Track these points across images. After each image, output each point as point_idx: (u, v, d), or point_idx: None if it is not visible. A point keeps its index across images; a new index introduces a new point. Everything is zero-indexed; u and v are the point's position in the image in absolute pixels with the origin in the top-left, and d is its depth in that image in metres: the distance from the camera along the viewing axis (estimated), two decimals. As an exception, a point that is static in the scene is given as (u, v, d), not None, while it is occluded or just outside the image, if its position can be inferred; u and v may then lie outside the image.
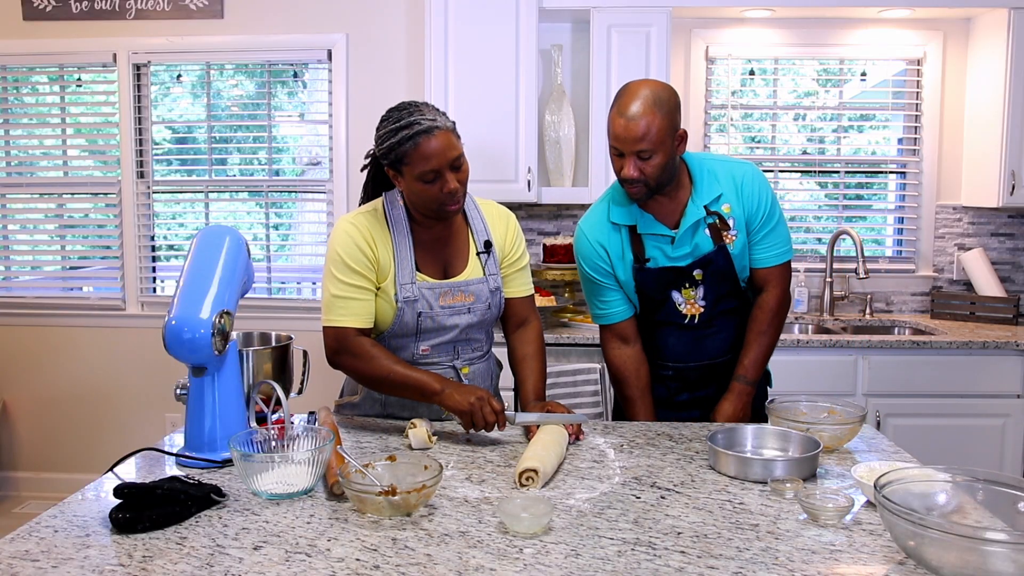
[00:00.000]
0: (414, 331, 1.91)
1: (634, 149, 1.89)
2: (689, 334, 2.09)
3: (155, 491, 1.38)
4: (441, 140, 1.77)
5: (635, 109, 1.88)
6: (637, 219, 2.04)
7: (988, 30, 3.58)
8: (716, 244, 2.02)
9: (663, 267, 2.03)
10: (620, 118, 1.89)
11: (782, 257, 2.09)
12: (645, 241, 2.04)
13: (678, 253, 2.02)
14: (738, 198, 2.03)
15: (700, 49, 3.78)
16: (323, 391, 3.49)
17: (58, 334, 4.01)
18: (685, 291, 2.05)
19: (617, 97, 1.93)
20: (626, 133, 1.88)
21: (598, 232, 2.08)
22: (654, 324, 2.12)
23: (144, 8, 3.82)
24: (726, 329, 2.11)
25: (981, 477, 1.34)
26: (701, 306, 2.06)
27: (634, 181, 1.92)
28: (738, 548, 1.30)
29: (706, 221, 2.02)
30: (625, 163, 1.92)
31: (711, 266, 2.02)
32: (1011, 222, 3.81)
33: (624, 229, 2.05)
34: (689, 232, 2.02)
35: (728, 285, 2.06)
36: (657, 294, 2.05)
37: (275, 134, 3.98)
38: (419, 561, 1.24)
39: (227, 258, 1.74)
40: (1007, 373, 3.20)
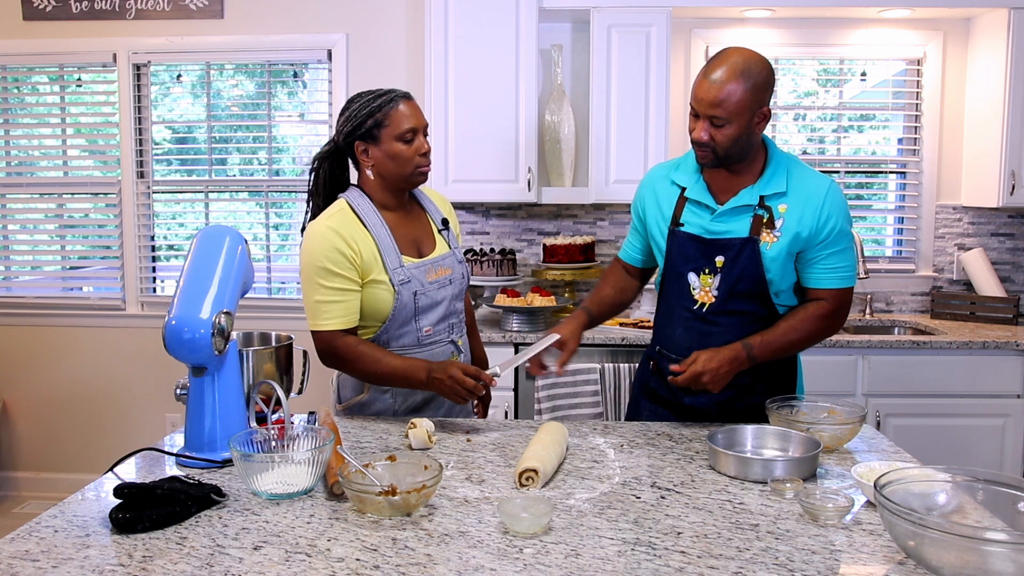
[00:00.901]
0: (413, 312, 1.99)
1: (709, 113, 1.86)
2: (696, 325, 2.02)
3: (155, 491, 1.38)
4: (415, 105, 1.99)
5: (720, 73, 1.84)
6: (692, 184, 2.01)
7: (988, 30, 3.58)
8: (750, 235, 1.94)
9: (691, 235, 1.99)
10: (704, 79, 1.86)
11: (843, 282, 1.97)
12: (687, 207, 2.01)
13: (712, 227, 1.97)
14: (804, 208, 1.92)
15: (700, 49, 3.78)
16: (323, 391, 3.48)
17: (58, 334, 4.01)
18: (703, 276, 2.00)
19: (711, 58, 1.90)
20: (705, 95, 1.85)
21: (657, 180, 2.11)
22: (668, 307, 2.09)
23: (144, 8, 3.82)
24: (736, 331, 1.97)
25: (981, 477, 1.34)
26: (714, 295, 1.99)
27: (703, 144, 1.90)
28: (738, 548, 1.30)
29: (754, 209, 1.95)
30: (698, 125, 1.89)
31: (734, 254, 1.95)
32: (1011, 222, 3.81)
33: (677, 189, 2.04)
34: (732, 212, 1.96)
35: (747, 283, 1.95)
36: (678, 266, 2.02)
37: (275, 134, 3.98)
38: (419, 561, 1.24)
39: (227, 258, 1.74)
40: (1007, 373, 3.20)
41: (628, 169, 3.46)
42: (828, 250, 1.94)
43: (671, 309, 2.07)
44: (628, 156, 3.46)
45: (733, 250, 1.95)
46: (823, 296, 1.97)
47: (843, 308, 2.00)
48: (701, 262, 1.99)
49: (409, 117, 1.94)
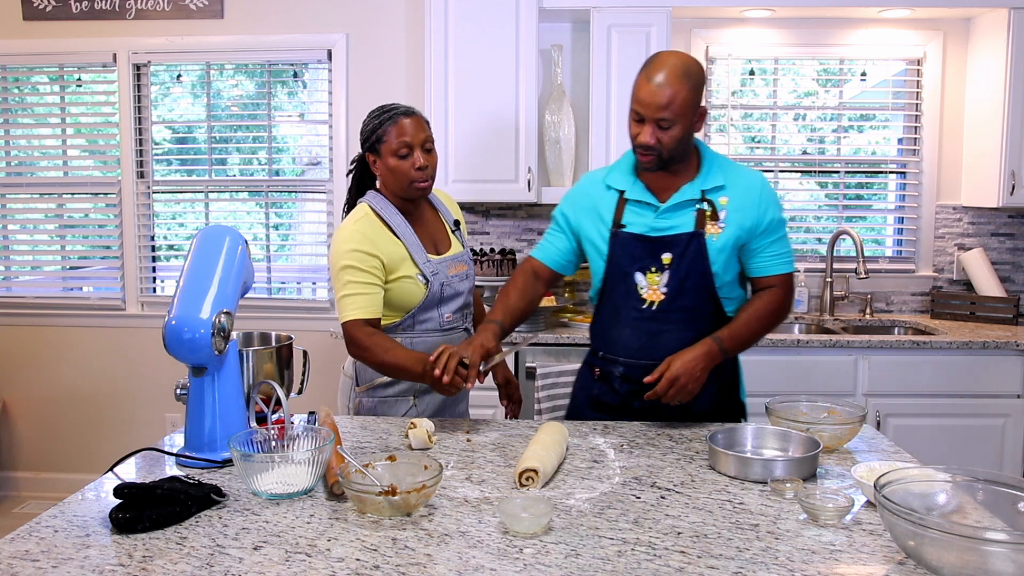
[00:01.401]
0: (438, 300, 2.13)
1: (656, 116, 1.88)
2: (645, 325, 2.01)
3: (155, 491, 1.38)
4: (415, 122, 2.07)
5: (663, 76, 1.87)
6: (629, 186, 2.03)
7: (988, 30, 3.58)
8: (696, 229, 1.98)
9: (636, 235, 2.00)
10: (648, 83, 1.88)
11: (788, 267, 2.05)
12: (628, 208, 2.02)
13: (657, 225, 1.99)
14: (745, 200, 1.99)
15: (700, 49, 3.78)
16: (323, 391, 3.49)
17: (58, 334, 4.01)
18: (650, 275, 2.00)
19: (646, 64, 1.92)
20: (651, 99, 1.87)
21: (590, 188, 2.11)
22: (613, 310, 2.06)
23: (144, 8, 3.82)
24: (685, 329, 2.00)
25: (981, 477, 1.34)
26: (663, 293, 1.99)
27: (649, 149, 1.92)
28: (738, 548, 1.30)
29: (696, 204, 1.99)
30: (644, 129, 1.91)
31: (681, 250, 1.97)
32: (1011, 222, 3.81)
33: (615, 193, 2.05)
34: (676, 208, 1.99)
35: (696, 278, 1.98)
36: (623, 267, 2.01)
37: (275, 134, 3.98)
38: (419, 561, 1.24)
39: (227, 258, 1.74)
40: (1007, 373, 3.20)
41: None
42: (770, 238, 2.02)
43: (617, 312, 2.06)
44: (628, 156, 3.46)
45: (680, 245, 1.98)
46: (773, 283, 2.04)
47: (791, 292, 2.08)
48: (647, 260, 2.00)
49: (404, 134, 2.04)
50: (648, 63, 1.92)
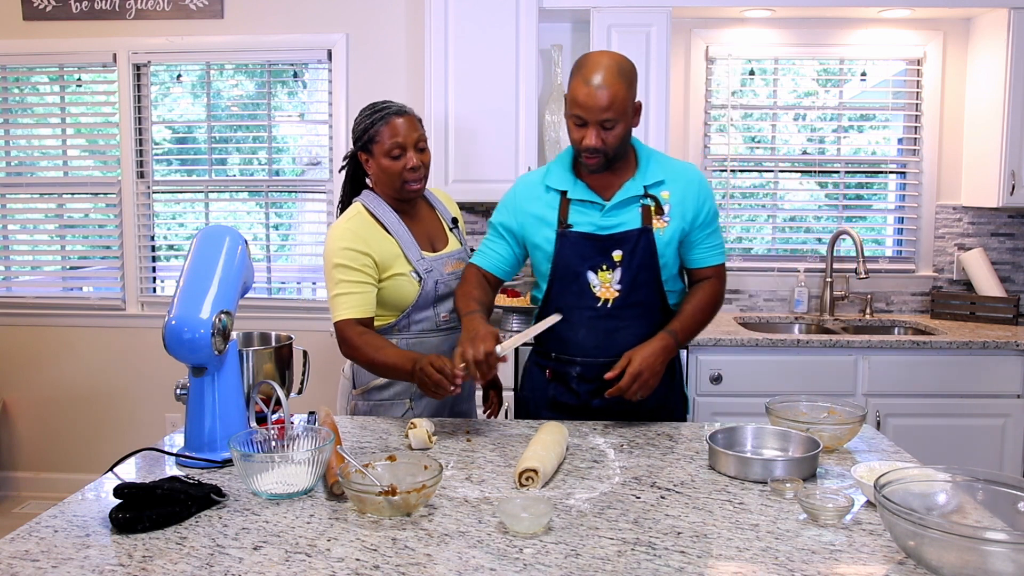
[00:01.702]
0: (433, 299, 2.11)
1: (600, 118, 1.88)
2: (601, 324, 2.02)
3: (155, 491, 1.38)
4: (407, 121, 2.06)
5: (601, 78, 1.87)
6: (570, 185, 2.02)
7: (988, 30, 3.58)
8: (644, 225, 1.99)
9: (584, 234, 1.99)
10: (585, 86, 1.87)
11: (722, 257, 2.11)
12: (572, 208, 2.01)
13: (604, 223, 1.99)
14: (685, 193, 2.02)
15: (700, 49, 3.78)
16: (323, 391, 3.49)
17: (58, 334, 4.01)
18: (601, 273, 2.00)
19: (579, 66, 1.91)
20: (592, 101, 1.87)
21: (529, 191, 2.07)
22: (565, 311, 2.04)
23: (144, 8, 3.82)
24: (639, 324, 2.03)
25: (981, 477, 1.34)
26: (616, 290, 2.00)
27: (596, 151, 1.92)
28: (738, 548, 1.30)
29: (641, 200, 2.00)
30: (587, 133, 1.90)
31: (632, 246, 1.98)
32: (1011, 222, 3.81)
33: (556, 194, 2.03)
34: (621, 205, 2.00)
35: (647, 273, 2.01)
36: (573, 267, 2.00)
37: (275, 134, 3.98)
38: (419, 561, 1.24)
39: (227, 258, 1.74)
40: (1007, 373, 3.20)
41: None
42: (707, 230, 2.06)
43: (569, 312, 2.04)
44: (628, 156, 3.46)
45: (630, 242, 1.99)
46: (710, 274, 2.10)
47: (725, 281, 2.15)
48: (598, 259, 2.00)
49: (396, 134, 2.03)
50: (581, 66, 1.91)
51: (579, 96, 1.88)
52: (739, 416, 3.04)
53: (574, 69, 1.92)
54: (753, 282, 3.86)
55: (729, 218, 3.93)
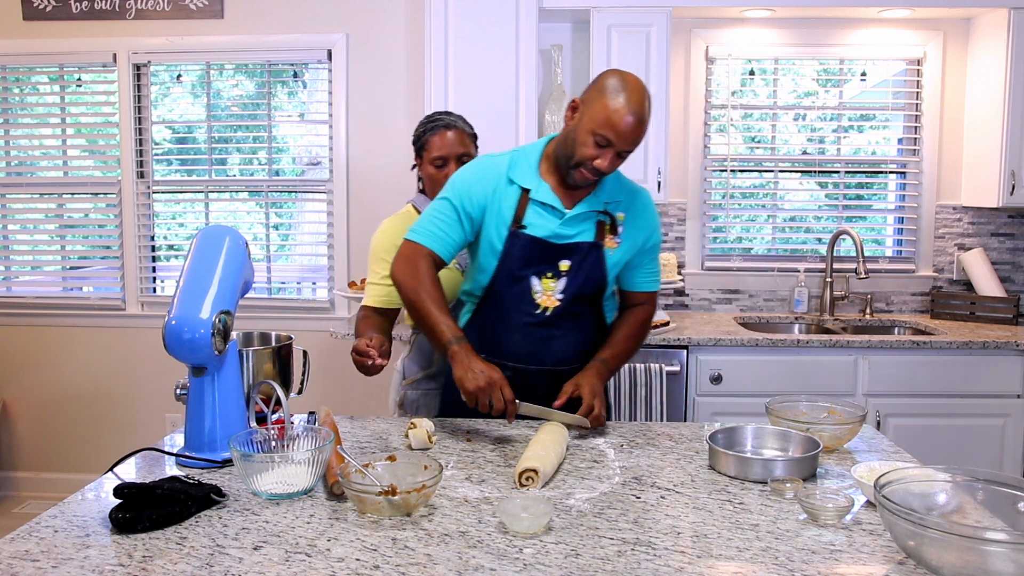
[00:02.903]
0: None
1: (628, 148, 1.86)
2: (536, 332, 1.99)
3: (155, 491, 1.38)
4: (455, 135, 2.21)
5: (641, 110, 1.83)
6: (535, 185, 1.96)
7: (988, 30, 3.58)
8: (596, 240, 1.98)
9: (536, 238, 1.94)
10: (629, 116, 1.81)
11: (656, 285, 2.13)
12: (530, 208, 1.95)
13: (559, 232, 1.95)
14: (640, 218, 2.03)
15: (700, 49, 3.78)
16: (323, 391, 3.49)
17: (58, 334, 4.01)
18: (545, 280, 1.97)
19: (617, 88, 1.83)
20: (632, 133, 1.83)
21: (491, 175, 1.97)
22: (502, 314, 2.00)
23: (144, 8, 3.82)
24: (575, 334, 2.02)
25: (981, 477, 1.34)
26: (558, 299, 1.97)
27: (604, 173, 1.89)
28: (738, 548, 1.30)
29: (598, 216, 1.98)
30: (605, 155, 1.86)
31: (580, 259, 1.96)
32: (1011, 222, 3.81)
33: (518, 189, 1.96)
34: (580, 217, 1.97)
35: (590, 287, 1.99)
36: (517, 270, 1.95)
37: (275, 134, 3.98)
38: (419, 561, 1.24)
39: (227, 258, 1.74)
40: (1007, 373, 3.20)
41: (628, 169, 3.44)
42: (650, 256, 2.09)
43: (506, 315, 2.00)
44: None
45: (580, 253, 1.97)
46: (644, 299, 2.12)
47: (655, 309, 2.18)
48: (544, 266, 1.96)
49: (442, 146, 2.20)
50: (620, 89, 1.82)
51: (619, 123, 1.81)
52: (739, 416, 3.05)
53: (607, 87, 1.84)
54: (753, 282, 3.86)
55: (729, 218, 3.93)
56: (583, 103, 1.88)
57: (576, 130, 1.88)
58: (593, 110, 1.84)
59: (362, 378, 2.10)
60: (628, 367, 3.11)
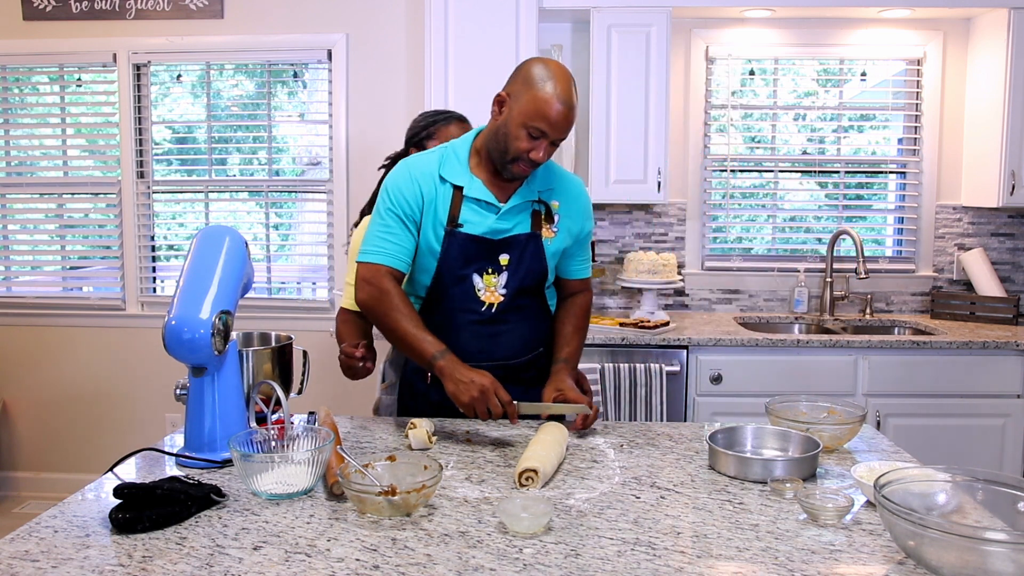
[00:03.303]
0: None
1: (561, 137, 1.86)
2: (484, 328, 1.98)
3: (155, 491, 1.38)
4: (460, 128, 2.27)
5: (571, 96, 1.84)
6: (467, 182, 1.94)
7: (988, 30, 3.58)
8: (532, 230, 1.98)
9: (474, 235, 1.93)
10: (559, 104, 1.80)
11: (589, 271, 2.17)
12: (465, 206, 1.93)
13: (496, 227, 1.94)
14: (573, 205, 2.03)
15: (700, 49, 3.78)
16: (323, 391, 3.48)
17: (58, 334, 4.01)
18: (487, 276, 1.96)
19: (543, 78, 1.82)
20: (564, 121, 1.83)
21: (423, 175, 1.94)
22: (447, 314, 1.99)
23: (144, 8, 3.82)
24: (521, 327, 2.02)
25: (981, 477, 1.34)
26: (501, 294, 1.96)
27: (539, 164, 1.89)
28: (738, 548, 1.30)
29: (532, 205, 1.98)
30: (539, 146, 1.85)
31: (519, 251, 1.96)
32: (1011, 222, 3.81)
33: (449, 187, 1.94)
34: (515, 210, 1.96)
35: (532, 279, 1.99)
36: (458, 269, 1.94)
37: (275, 134, 3.98)
38: (419, 561, 1.24)
39: (227, 258, 1.74)
40: (1007, 373, 3.20)
41: (628, 169, 3.47)
42: (585, 243, 2.11)
43: (451, 315, 1.98)
44: (628, 156, 3.46)
45: (518, 246, 1.97)
46: (582, 287, 2.15)
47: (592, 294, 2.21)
48: (484, 263, 1.95)
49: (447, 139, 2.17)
50: (547, 78, 1.82)
51: (551, 114, 1.81)
52: (739, 416, 3.05)
53: (533, 77, 1.83)
54: (753, 282, 3.86)
55: (729, 218, 3.93)
56: (510, 96, 1.87)
57: (507, 124, 1.86)
58: (522, 103, 1.83)
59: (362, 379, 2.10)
60: (628, 367, 3.12)
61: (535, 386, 2.05)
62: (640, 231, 3.84)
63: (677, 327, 3.37)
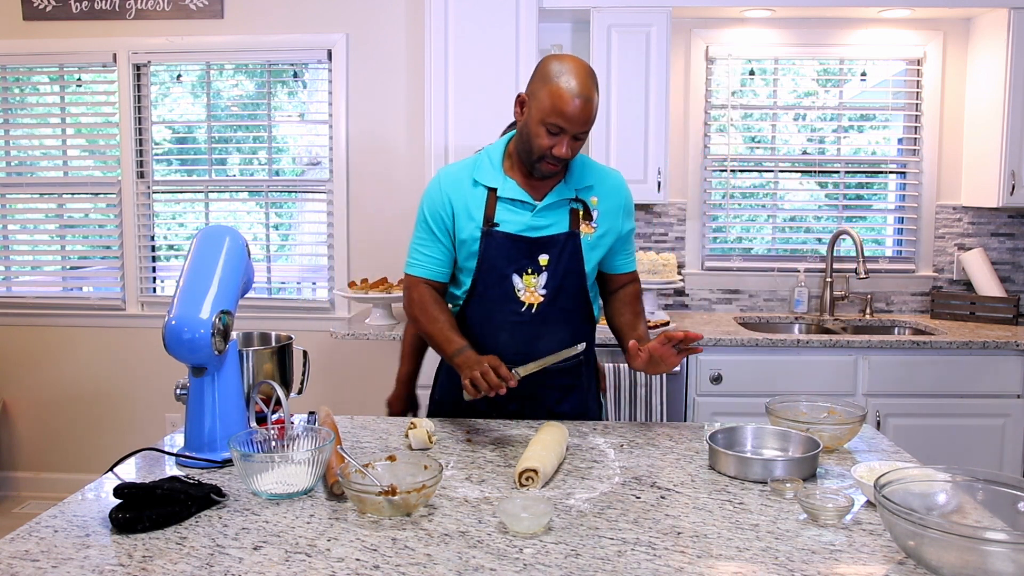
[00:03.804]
0: None
1: (581, 130, 1.85)
2: (525, 328, 1.98)
3: (155, 491, 1.38)
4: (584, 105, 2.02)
5: (586, 89, 1.82)
6: (500, 183, 1.96)
7: (988, 30, 3.58)
8: (571, 229, 1.97)
9: (511, 235, 1.94)
10: (574, 97, 1.80)
11: (635, 264, 2.16)
12: (500, 206, 1.95)
13: (534, 224, 1.95)
14: (613, 201, 2.02)
15: (700, 49, 3.78)
16: (323, 391, 3.49)
17: (58, 334, 4.01)
18: (527, 277, 1.96)
19: (557, 73, 1.82)
20: (581, 114, 1.82)
21: (453, 184, 1.98)
22: (488, 315, 1.99)
23: (144, 8, 3.82)
24: (563, 329, 2.00)
25: (981, 477, 1.34)
26: (542, 295, 1.96)
27: (562, 160, 1.88)
28: (738, 548, 1.30)
29: (570, 203, 1.98)
30: (560, 142, 1.85)
31: (558, 250, 1.95)
32: (1011, 222, 3.81)
33: (484, 190, 1.96)
34: (552, 208, 1.96)
35: (573, 278, 1.98)
36: (499, 269, 1.95)
37: (275, 134, 3.98)
38: (419, 561, 1.24)
39: (227, 258, 1.74)
40: (1007, 373, 3.20)
41: (628, 169, 3.46)
42: (627, 238, 2.10)
43: (491, 316, 1.99)
44: (628, 156, 3.46)
45: (557, 246, 1.96)
46: (631, 279, 2.14)
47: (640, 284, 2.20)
48: (524, 262, 1.95)
49: None
50: (560, 73, 1.82)
51: (567, 108, 1.80)
52: (739, 416, 3.05)
53: (549, 73, 1.83)
54: (753, 282, 3.86)
55: (729, 218, 3.93)
56: (529, 96, 1.88)
57: (528, 123, 1.88)
58: (539, 100, 1.84)
59: (362, 378, 2.09)
60: (628, 367, 3.11)
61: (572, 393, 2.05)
62: (640, 231, 3.84)
63: (677, 327, 3.37)
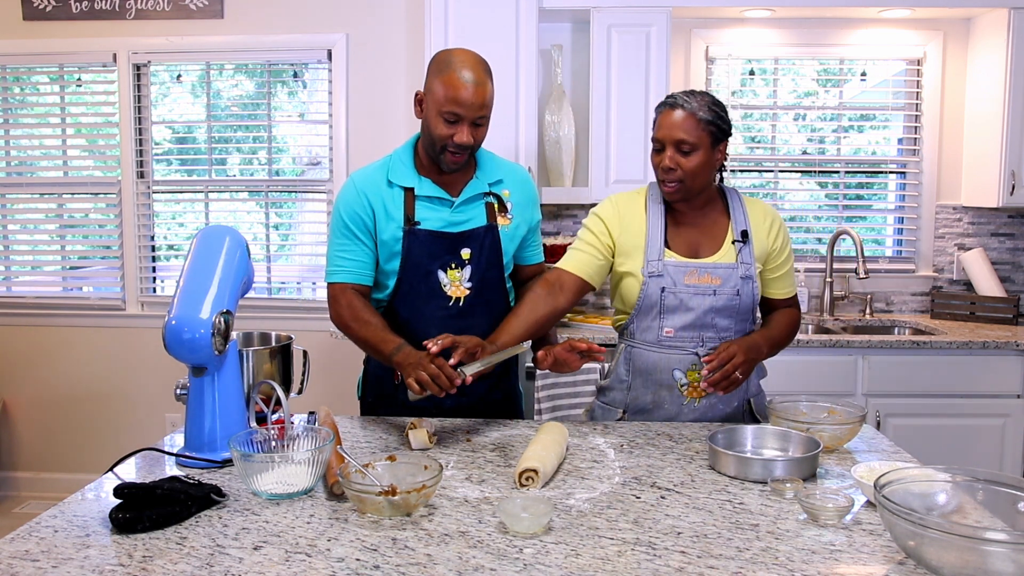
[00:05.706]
0: (657, 307, 1.99)
1: (476, 115, 1.89)
2: (452, 323, 2.00)
3: (155, 491, 1.38)
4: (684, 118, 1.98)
5: (477, 74, 1.87)
6: (416, 182, 2.00)
7: (988, 30, 3.58)
8: (489, 222, 2.03)
9: (433, 231, 1.98)
10: (464, 83, 1.85)
11: (543, 254, 2.21)
12: (419, 204, 1.99)
13: (453, 219, 2.00)
14: (524, 193, 2.10)
15: (700, 49, 3.78)
16: (323, 391, 3.49)
17: (58, 334, 4.01)
18: (451, 271, 2.01)
19: (447, 63, 1.88)
20: (474, 99, 1.86)
21: (369, 185, 2.01)
22: (416, 312, 2.02)
23: (144, 8, 3.82)
24: (488, 321, 2.02)
25: (981, 477, 1.34)
26: (467, 288, 2.02)
27: (465, 148, 1.91)
28: (738, 548, 1.30)
29: (485, 198, 2.04)
30: (460, 130, 1.89)
31: (479, 244, 2.01)
32: (1011, 222, 3.81)
33: (400, 190, 2.00)
34: (469, 202, 2.02)
35: (494, 271, 2.04)
36: (424, 266, 1.99)
37: (275, 134, 3.98)
38: (419, 561, 1.24)
39: (227, 258, 1.74)
40: (1007, 373, 3.20)
41: (628, 169, 3.46)
42: (536, 229, 2.17)
43: (419, 312, 2.02)
44: (628, 156, 3.46)
45: (478, 240, 2.02)
46: (538, 270, 2.17)
47: None
48: (447, 257, 2.00)
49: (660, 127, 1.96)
50: (449, 63, 1.88)
51: (459, 94, 1.85)
52: (739, 416, 3.04)
53: (440, 65, 1.89)
54: (753, 282, 3.86)
55: (729, 218, 3.92)
56: (426, 92, 1.95)
57: (427, 117, 1.94)
58: (434, 92, 1.90)
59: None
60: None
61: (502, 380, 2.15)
62: (640, 231, 3.84)
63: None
